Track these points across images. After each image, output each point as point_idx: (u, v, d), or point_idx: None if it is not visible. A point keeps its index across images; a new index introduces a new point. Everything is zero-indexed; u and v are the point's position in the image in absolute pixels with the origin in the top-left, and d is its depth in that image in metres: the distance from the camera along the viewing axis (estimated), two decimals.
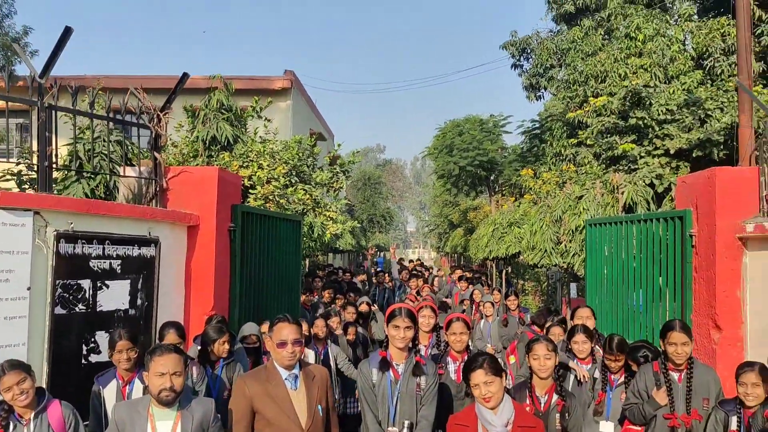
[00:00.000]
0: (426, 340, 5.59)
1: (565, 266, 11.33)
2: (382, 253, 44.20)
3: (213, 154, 9.10)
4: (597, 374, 5.08)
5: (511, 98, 74.50)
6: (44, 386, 4.25)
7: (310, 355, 6.68)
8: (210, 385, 5.01)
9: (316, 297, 10.17)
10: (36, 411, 3.70)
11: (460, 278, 12.91)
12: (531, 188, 15.79)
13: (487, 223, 18.45)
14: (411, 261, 26.17)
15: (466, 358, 4.96)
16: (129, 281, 5.53)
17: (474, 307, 10.92)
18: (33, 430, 3.67)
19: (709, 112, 10.78)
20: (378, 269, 18.31)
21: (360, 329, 8.24)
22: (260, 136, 10.37)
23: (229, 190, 6.62)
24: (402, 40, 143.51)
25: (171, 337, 4.91)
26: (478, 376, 3.48)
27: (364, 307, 8.99)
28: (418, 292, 12.10)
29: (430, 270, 22.29)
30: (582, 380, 5.11)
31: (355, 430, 5.90)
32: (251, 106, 10.79)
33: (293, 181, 9.41)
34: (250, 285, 6.99)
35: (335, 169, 11.05)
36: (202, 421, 3.49)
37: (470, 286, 12.61)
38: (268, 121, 10.77)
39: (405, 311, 4.24)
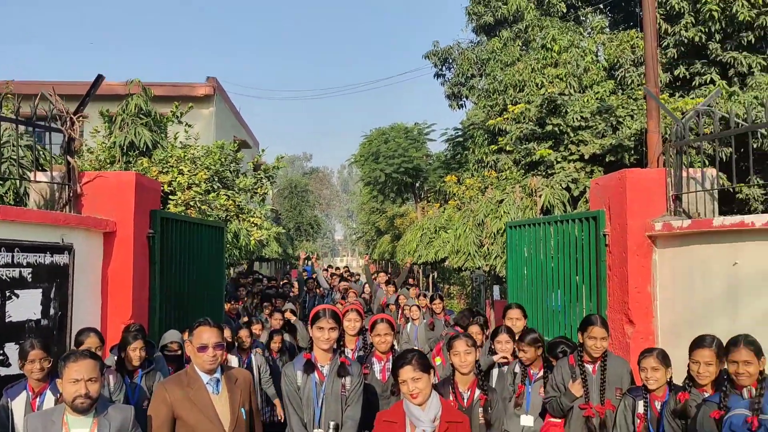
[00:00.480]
0: (352, 344, 5.59)
1: (488, 268, 11.59)
2: (310, 261, 43.98)
3: (131, 159, 8.83)
4: (517, 369, 5.22)
5: (435, 107, 75.81)
6: None
7: (233, 362, 6.58)
8: (129, 394, 4.85)
9: (241, 305, 10.01)
10: None
11: (387, 282, 12.97)
12: (455, 194, 16.10)
13: (414, 228, 18.68)
14: (338, 269, 26.12)
15: (391, 357, 5.01)
16: (41, 290, 5.28)
17: (400, 312, 10.98)
18: None
19: (620, 119, 11.31)
20: (307, 276, 18.20)
21: (287, 337, 8.16)
22: (180, 142, 10.14)
23: (148, 196, 6.44)
24: (327, 49, 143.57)
25: (91, 341, 4.71)
26: (407, 372, 3.52)
27: (288, 315, 8.90)
28: (343, 296, 12.09)
29: (357, 277, 22.30)
30: (504, 361, 5.25)
31: None
32: (171, 111, 10.53)
33: (215, 187, 9.24)
34: (171, 293, 6.81)
35: (259, 174, 10.91)
36: (121, 428, 3.37)
37: (396, 290, 12.68)
38: (189, 126, 10.54)
39: (329, 312, 4.23)
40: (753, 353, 3.56)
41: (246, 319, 8.76)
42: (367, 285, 14.66)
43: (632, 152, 10.64)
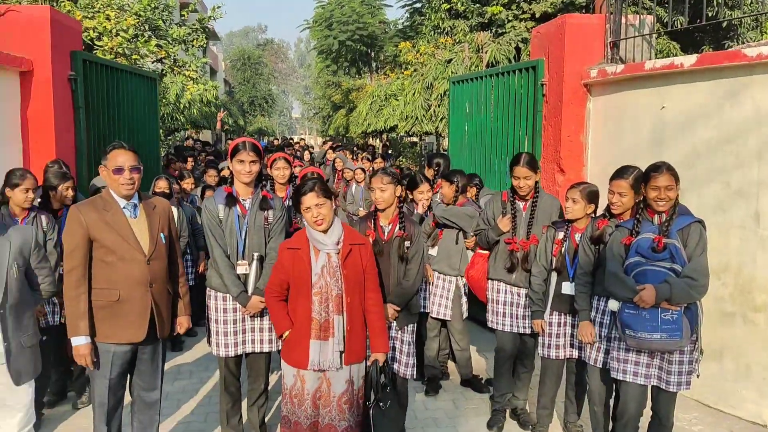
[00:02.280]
0: (283, 192, 5.51)
1: (434, 131, 11.53)
2: (265, 138, 43.41)
3: (54, 4, 8.22)
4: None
5: None
6: None
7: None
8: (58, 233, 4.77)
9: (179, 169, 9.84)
10: None
11: (331, 148, 12.84)
12: (410, 62, 15.71)
13: (365, 97, 18.35)
14: (297, 142, 25.84)
15: None
16: None
17: (336, 176, 10.95)
18: None
19: None
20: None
21: None
22: None
23: (67, 35, 6.06)
24: None
25: (29, 182, 4.48)
26: (310, 199, 3.47)
27: (226, 172, 8.79)
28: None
29: (311, 148, 22.16)
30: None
31: None
32: None
33: (146, 35, 8.72)
34: (99, 140, 6.59)
35: (194, 25, 10.30)
36: (22, 248, 3.28)
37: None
38: None
39: (249, 145, 4.11)
40: (674, 179, 3.60)
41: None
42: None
43: (584, 11, 10.40)
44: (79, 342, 3.43)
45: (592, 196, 4.24)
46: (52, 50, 5.75)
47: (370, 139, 24.35)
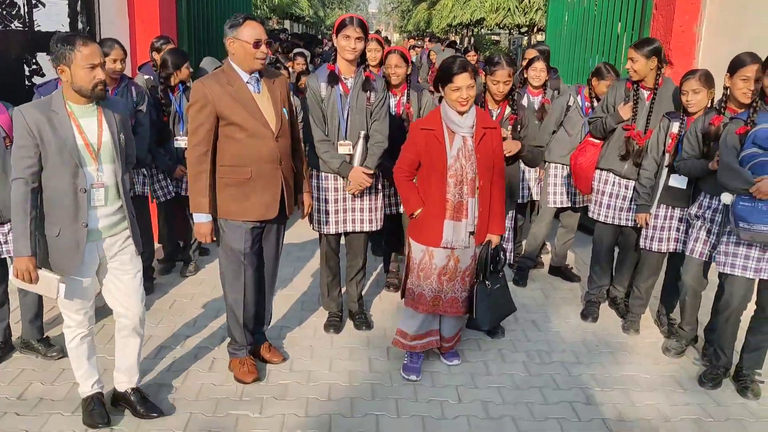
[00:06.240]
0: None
1: (528, 23, 11.07)
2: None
3: None
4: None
5: None
6: None
7: None
8: (178, 109, 4.91)
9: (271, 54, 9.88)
10: None
11: (412, 47, 12.61)
12: None
13: None
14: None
15: (406, 91, 4.76)
16: (67, 2, 5.21)
17: (430, 68, 10.80)
18: None
19: None
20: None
21: None
22: None
23: None
24: None
25: (116, 53, 4.57)
26: (464, 78, 3.37)
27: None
28: None
29: (389, 42, 21.75)
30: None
31: None
32: None
33: None
34: (199, 22, 6.67)
35: None
36: (123, 118, 3.13)
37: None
38: None
39: (356, 21, 3.92)
40: None
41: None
42: None
43: None
44: (201, 219, 3.39)
45: (711, 80, 3.97)
46: None
47: (452, 35, 23.66)
